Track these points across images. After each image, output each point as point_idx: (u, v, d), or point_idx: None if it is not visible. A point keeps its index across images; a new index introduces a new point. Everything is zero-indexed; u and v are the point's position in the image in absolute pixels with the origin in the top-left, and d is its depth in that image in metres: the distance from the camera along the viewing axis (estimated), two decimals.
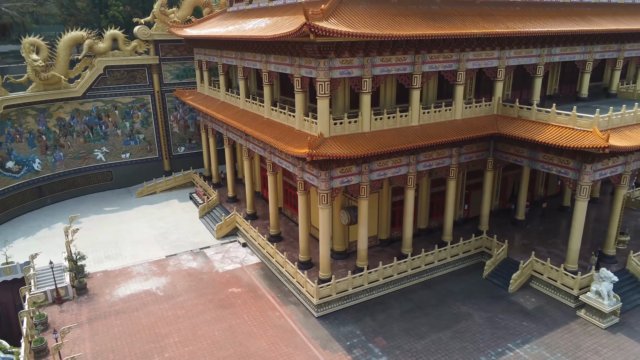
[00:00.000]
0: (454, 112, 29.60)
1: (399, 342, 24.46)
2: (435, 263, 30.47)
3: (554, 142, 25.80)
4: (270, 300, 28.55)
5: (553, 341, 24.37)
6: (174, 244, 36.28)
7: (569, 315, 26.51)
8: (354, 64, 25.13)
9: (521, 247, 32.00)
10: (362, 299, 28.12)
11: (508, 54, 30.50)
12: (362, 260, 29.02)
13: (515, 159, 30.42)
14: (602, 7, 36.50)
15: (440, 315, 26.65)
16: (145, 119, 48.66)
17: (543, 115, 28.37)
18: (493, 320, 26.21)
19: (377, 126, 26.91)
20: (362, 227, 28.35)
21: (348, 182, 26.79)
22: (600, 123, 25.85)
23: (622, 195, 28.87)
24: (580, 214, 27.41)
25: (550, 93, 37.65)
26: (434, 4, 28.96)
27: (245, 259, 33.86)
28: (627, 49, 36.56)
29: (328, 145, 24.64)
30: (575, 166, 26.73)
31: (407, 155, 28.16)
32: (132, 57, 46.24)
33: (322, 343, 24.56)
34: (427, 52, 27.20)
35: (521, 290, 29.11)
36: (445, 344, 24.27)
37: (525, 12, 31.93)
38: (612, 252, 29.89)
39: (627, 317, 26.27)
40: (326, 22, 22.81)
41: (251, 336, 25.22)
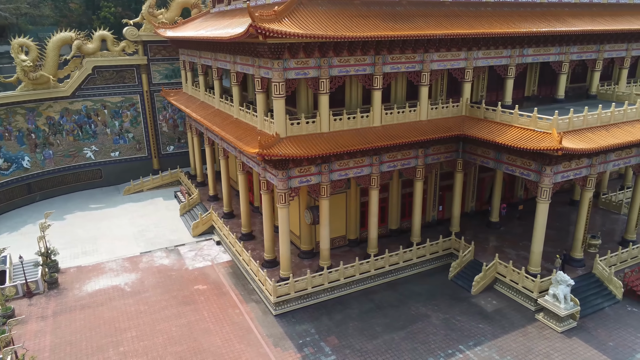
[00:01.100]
0: (418, 113, 29.59)
1: (351, 342, 24.58)
2: (401, 264, 30.47)
3: (511, 144, 25.66)
4: (233, 298, 28.92)
5: (505, 344, 24.22)
6: (150, 241, 36.93)
7: (527, 319, 26.29)
8: (310, 65, 25.34)
9: (490, 249, 31.80)
10: (323, 298, 28.29)
11: (476, 55, 30.34)
12: (325, 260, 29.19)
13: (483, 161, 30.26)
14: (581, 8, 36.00)
15: (398, 316, 26.68)
16: (134, 119, 49.54)
17: (507, 117, 28.20)
18: (450, 321, 26.14)
19: (336, 127, 27.07)
20: (323, 227, 28.53)
21: (307, 182, 27.00)
22: (560, 125, 25.61)
23: (587, 198, 28.48)
24: (541, 217, 27.16)
25: (529, 94, 37.28)
26: (399, 5, 29.00)
27: (217, 256, 34.31)
28: (607, 50, 36.01)
29: (283, 145, 24.90)
30: (537, 168, 26.51)
31: (369, 155, 28.23)
32: (120, 57, 47.14)
33: (275, 341, 24.83)
34: (388, 53, 27.25)
35: (484, 292, 28.95)
36: (396, 345, 24.31)
37: (497, 13, 31.72)
38: (579, 256, 29.51)
39: (587, 321, 25.94)
40: (277, 24, 23.09)
41: (207, 332, 25.62)
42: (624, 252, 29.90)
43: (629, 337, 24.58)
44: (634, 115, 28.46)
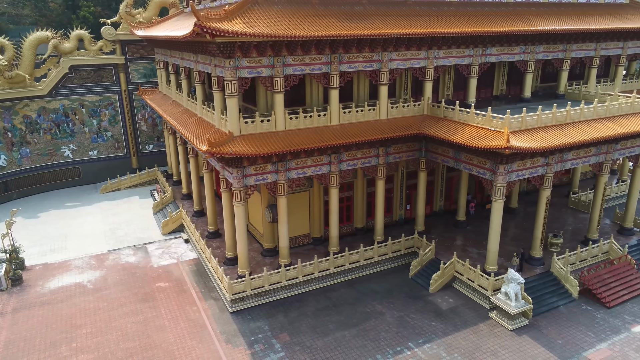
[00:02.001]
0: (378, 112, 29.72)
1: (302, 339, 24.73)
2: (362, 262, 30.59)
3: (463, 142, 25.80)
4: (192, 295, 29.11)
5: (455, 341, 24.34)
6: (120, 239, 37.15)
7: (481, 317, 26.40)
8: (263, 64, 25.49)
9: (453, 248, 31.84)
10: (281, 295, 28.45)
11: (436, 54, 30.45)
12: (284, 258, 29.34)
13: (443, 160, 30.37)
14: (549, 8, 36.08)
15: (353, 314, 26.82)
16: (112, 117, 49.80)
17: (464, 116, 28.31)
18: (403, 319, 26.26)
19: (292, 125, 27.23)
20: (282, 225, 28.70)
21: (264, 180, 27.16)
22: (512, 124, 25.71)
23: (545, 196, 28.56)
24: (496, 215, 27.27)
25: (497, 94, 37.38)
26: (358, 4, 29.14)
27: (183, 254, 34.51)
28: (574, 50, 36.08)
29: (236, 143, 25.07)
30: (491, 167, 26.62)
31: (327, 154, 28.37)
32: (97, 56, 47.40)
33: (227, 338, 25.00)
34: (344, 52, 27.39)
35: (443, 290, 29.06)
36: (347, 342, 24.45)
37: (459, 13, 31.83)
38: (538, 254, 29.59)
39: (539, 320, 26.03)
40: (226, 23, 23.27)
41: (161, 329, 25.81)
42: (583, 251, 29.97)
43: (578, 335, 24.67)
44: (590, 114, 28.54)
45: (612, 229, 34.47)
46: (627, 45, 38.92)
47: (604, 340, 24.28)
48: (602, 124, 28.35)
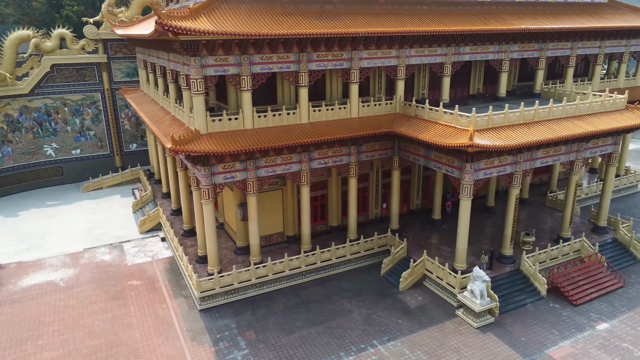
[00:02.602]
0: (349, 110, 29.79)
1: (267, 336, 24.80)
2: (333, 260, 30.65)
3: (429, 140, 25.88)
4: (163, 293, 29.17)
5: (419, 339, 24.41)
6: (97, 237, 37.19)
7: (448, 314, 26.48)
8: (229, 62, 25.54)
9: (426, 246, 31.90)
10: (251, 293, 28.52)
11: (408, 52, 30.51)
12: (255, 256, 29.41)
13: (415, 158, 30.44)
14: (524, 7, 36.16)
15: (321, 312, 26.89)
16: (95, 116, 49.82)
17: (434, 114, 28.37)
18: (371, 317, 26.33)
19: (261, 124, 27.30)
20: (252, 223, 28.76)
21: (232, 179, 27.22)
22: (479, 122, 25.77)
23: (514, 195, 28.61)
24: (464, 214, 27.32)
25: (474, 92, 37.47)
26: (329, 3, 29.18)
27: (158, 253, 34.57)
28: (550, 49, 36.16)
29: (202, 141, 25.13)
30: (459, 165, 26.69)
31: (297, 152, 28.44)
32: (80, 55, 47.40)
33: (193, 335, 25.07)
34: (313, 50, 27.46)
35: (413, 288, 29.14)
36: (312, 339, 24.52)
37: (432, 12, 31.89)
38: (509, 253, 29.66)
39: (506, 317, 26.11)
40: (190, 21, 23.32)
41: (129, 327, 25.86)
42: (554, 250, 30.05)
43: (543, 332, 24.75)
44: (560, 113, 28.61)
45: (586, 228, 34.57)
46: (604, 45, 39.02)
47: (567, 337, 24.36)
48: (571, 122, 28.42)
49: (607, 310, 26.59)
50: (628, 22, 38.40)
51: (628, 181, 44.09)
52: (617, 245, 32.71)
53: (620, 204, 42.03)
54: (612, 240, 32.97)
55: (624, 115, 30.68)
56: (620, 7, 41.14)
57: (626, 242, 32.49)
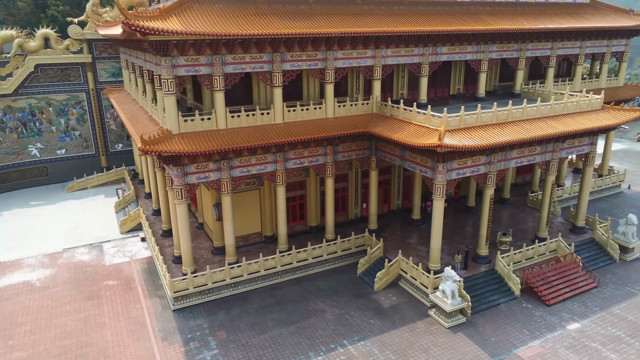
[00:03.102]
0: (324, 110, 29.81)
1: (239, 337, 24.82)
2: (310, 260, 30.67)
3: (402, 140, 25.94)
4: (138, 293, 29.17)
5: (390, 339, 24.43)
6: (78, 237, 37.17)
7: (420, 314, 26.50)
8: (201, 62, 25.55)
9: (403, 246, 31.96)
10: (226, 293, 28.53)
11: (384, 53, 30.53)
12: (230, 256, 29.42)
13: (391, 158, 30.46)
14: (503, 7, 36.19)
15: (294, 312, 26.91)
16: (80, 116, 49.80)
17: (408, 114, 28.40)
18: (343, 317, 26.35)
19: (234, 124, 27.31)
20: (226, 223, 28.77)
21: (206, 179, 27.23)
22: (450, 122, 25.79)
23: (489, 195, 28.63)
24: (437, 214, 27.35)
25: (454, 92, 37.51)
26: (304, 3, 29.20)
27: (137, 253, 34.56)
28: (529, 49, 36.21)
29: (173, 141, 25.13)
30: (432, 165, 26.72)
31: (272, 152, 28.46)
32: (64, 55, 47.38)
33: (165, 335, 25.07)
34: (286, 50, 27.47)
35: (388, 288, 29.17)
36: (283, 339, 24.54)
37: (410, 12, 31.90)
38: (484, 253, 29.68)
39: (478, 317, 26.14)
40: (160, 22, 23.33)
41: (101, 327, 25.86)
42: (529, 249, 30.08)
43: (513, 332, 24.78)
44: (533, 113, 28.63)
45: (565, 228, 34.61)
46: (585, 45, 39.08)
47: (537, 337, 24.40)
48: (545, 122, 28.45)
49: (580, 310, 26.62)
50: (608, 22, 38.46)
51: (611, 181, 44.13)
52: (594, 245, 32.75)
53: (603, 204, 42.12)
54: (590, 240, 33.02)
55: (599, 115, 30.73)
56: (602, 8, 41.20)
57: (603, 242, 32.53)
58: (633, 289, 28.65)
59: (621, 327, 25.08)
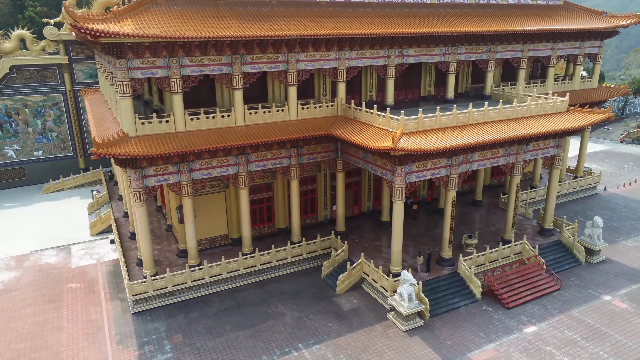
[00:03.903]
0: (287, 112, 29.73)
1: (194, 340, 24.72)
2: (274, 263, 30.58)
3: (359, 143, 25.89)
4: (100, 296, 29.07)
5: (345, 342, 24.35)
6: (49, 239, 37.05)
7: (379, 318, 26.42)
8: (157, 65, 25.45)
9: (370, 249, 31.91)
10: (187, 296, 28.43)
11: (348, 55, 30.47)
12: (192, 259, 29.34)
13: (355, 160, 30.39)
14: (473, 9, 36.14)
15: (253, 315, 26.82)
16: (57, 118, 49.69)
17: (369, 117, 28.33)
18: (302, 320, 26.27)
19: (194, 126, 27.20)
20: (188, 225, 28.69)
21: (165, 181, 27.15)
22: (408, 125, 25.72)
23: (451, 197, 28.58)
24: (397, 216, 27.27)
25: (425, 94, 37.45)
26: (266, 5, 29.14)
27: (105, 255, 34.45)
28: (499, 51, 36.17)
29: (130, 144, 25.04)
30: (391, 168, 26.65)
31: (233, 155, 28.39)
32: (40, 56, 47.27)
33: (121, 339, 24.97)
34: (246, 52, 27.38)
35: (350, 291, 29.08)
36: (238, 342, 24.45)
37: (376, 14, 31.86)
38: (447, 255, 29.63)
39: (436, 320, 26.08)
40: (112, 24, 23.25)
41: (58, 330, 25.76)
42: (493, 252, 30.01)
43: (469, 335, 24.72)
44: (495, 115, 28.57)
45: (534, 230, 34.58)
46: (556, 47, 39.04)
47: (493, 340, 24.34)
48: (507, 125, 28.39)
49: (539, 314, 26.57)
50: (580, 24, 38.44)
51: (586, 183, 44.10)
52: (561, 248, 32.72)
53: (577, 206, 42.11)
54: (557, 243, 32.98)
55: (564, 117, 30.68)
56: (575, 9, 41.18)
57: (570, 245, 32.49)
58: (595, 291, 28.62)
59: (578, 330, 25.04)
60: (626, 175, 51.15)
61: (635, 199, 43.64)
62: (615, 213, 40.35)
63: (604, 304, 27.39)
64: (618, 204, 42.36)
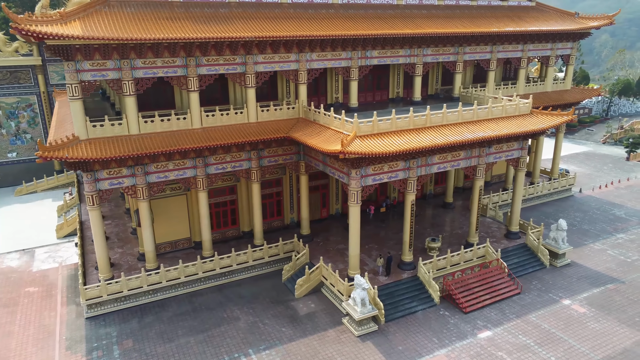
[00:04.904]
0: (246, 115, 29.46)
1: (144, 345, 24.43)
2: (234, 267, 30.30)
3: (312, 145, 25.69)
4: (57, 301, 28.77)
5: (296, 348, 24.07)
6: (14, 242, 36.71)
7: (335, 322, 26.14)
8: (108, 67, 25.18)
9: (333, 252, 31.66)
10: (144, 300, 28.14)
11: (309, 56, 30.19)
12: (150, 262, 29.06)
13: (316, 163, 30.13)
14: (441, 10, 35.89)
15: (208, 319, 26.53)
16: (32, 119, 49.39)
17: (327, 119, 28.06)
18: (256, 325, 25.99)
19: (148, 129, 26.94)
20: (144, 229, 28.41)
21: (120, 184, 26.86)
22: (362, 128, 25.46)
23: (410, 201, 28.31)
24: (354, 220, 27.00)
25: (393, 96, 37.20)
26: (224, 7, 28.87)
27: (68, 258, 34.15)
28: (467, 52, 35.93)
29: (80, 147, 24.76)
30: (347, 171, 26.39)
31: (191, 157, 28.12)
32: (13, 57, 46.96)
33: (70, 344, 24.68)
34: (201, 54, 27.10)
35: (309, 295, 28.81)
36: (188, 348, 24.16)
37: (339, 15, 31.61)
38: (408, 259, 29.36)
39: (391, 325, 25.80)
40: (57, 26, 23.01)
41: (8, 335, 25.44)
42: (454, 256, 29.74)
43: (422, 341, 24.44)
44: (455, 118, 28.31)
45: (501, 233, 34.32)
46: (527, 48, 38.81)
47: (445, 346, 24.06)
48: (466, 127, 28.13)
49: (496, 318, 26.30)
50: (549, 25, 38.21)
51: (560, 185, 43.85)
52: (526, 251, 32.47)
53: (550, 208, 41.87)
54: (522, 246, 32.74)
55: (526, 120, 30.43)
56: (547, 11, 40.96)
57: (535, 248, 32.24)
58: (555, 295, 28.36)
59: (532, 335, 24.78)
60: (604, 176, 50.93)
61: (609, 201, 43.41)
62: (587, 215, 40.11)
63: (562, 308, 27.14)
64: (591, 206, 42.13)
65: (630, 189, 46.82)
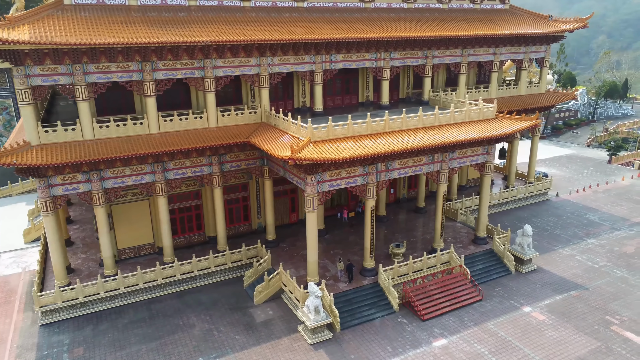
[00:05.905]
0: (206, 119, 29.19)
1: (95, 353, 24.14)
2: (196, 272, 30.01)
3: (268, 150, 25.50)
4: (14, 307, 28.50)
5: (247, 357, 23.77)
6: None
7: (290, 330, 25.84)
8: (59, 72, 24.92)
9: (297, 258, 31.38)
10: (101, 307, 27.85)
11: (271, 61, 29.91)
12: (108, 269, 28.78)
13: (277, 168, 29.87)
14: (410, 13, 35.61)
15: (163, 326, 26.24)
16: (7, 122, 49.23)
17: (286, 124, 27.77)
18: (210, 332, 25.70)
19: (103, 134, 26.66)
20: (102, 235, 28.13)
21: (75, 190, 26.62)
22: (317, 133, 25.18)
23: (370, 206, 27.99)
24: (311, 226, 26.71)
25: (363, 100, 36.90)
26: (183, 11, 28.58)
27: (32, 264, 33.82)
28: (436, 56, 35.63)
29: (31, 153, 24.51)
30: (303, 177, 26.10)
31: (149, 163, 27.86)
32: None
33: (21, 352, 24.41)
34: (157, 59, 26.84)
35: (268, 302, 28.52)
36: (139, 356, 23.85)
37: (302, 19, 31.30)
38: (370, 265, 29.04)
39: (347, 333, 25.49)
40: (3, 31, 22.73)
41: None
42: (417, 262, 29.42)
43: (376, 349, 24.12)
44: (415, 123, 28.01)
45: (469, 238, 34.02)
46: (499, 51, 38.52)
47: (398, 354, 23.75)
48: (427, 133, 27.84)
49: (453, 326, 25.99)
50: (523, 29, 37.91)
51: (536, 189, 43.53)
52: (492, 257, 32.17)
53: (525, 212, 41.54)
54: (489, 251, 32.44)
55: (490, 124, 30.14)
56: (520, 14, 40.68)
57: (501, 253, 31.93)
58: (517, 302, 28.05)
59: (488, 343, 24.47)
60: (584, 180, 50.60)
61: (584, 205, 43.10)
62: (560, 220, 39.79)
63: (522, 315, 26.83)
64: (566, 211, 41.81)
65: (608, 192, 46.50)
